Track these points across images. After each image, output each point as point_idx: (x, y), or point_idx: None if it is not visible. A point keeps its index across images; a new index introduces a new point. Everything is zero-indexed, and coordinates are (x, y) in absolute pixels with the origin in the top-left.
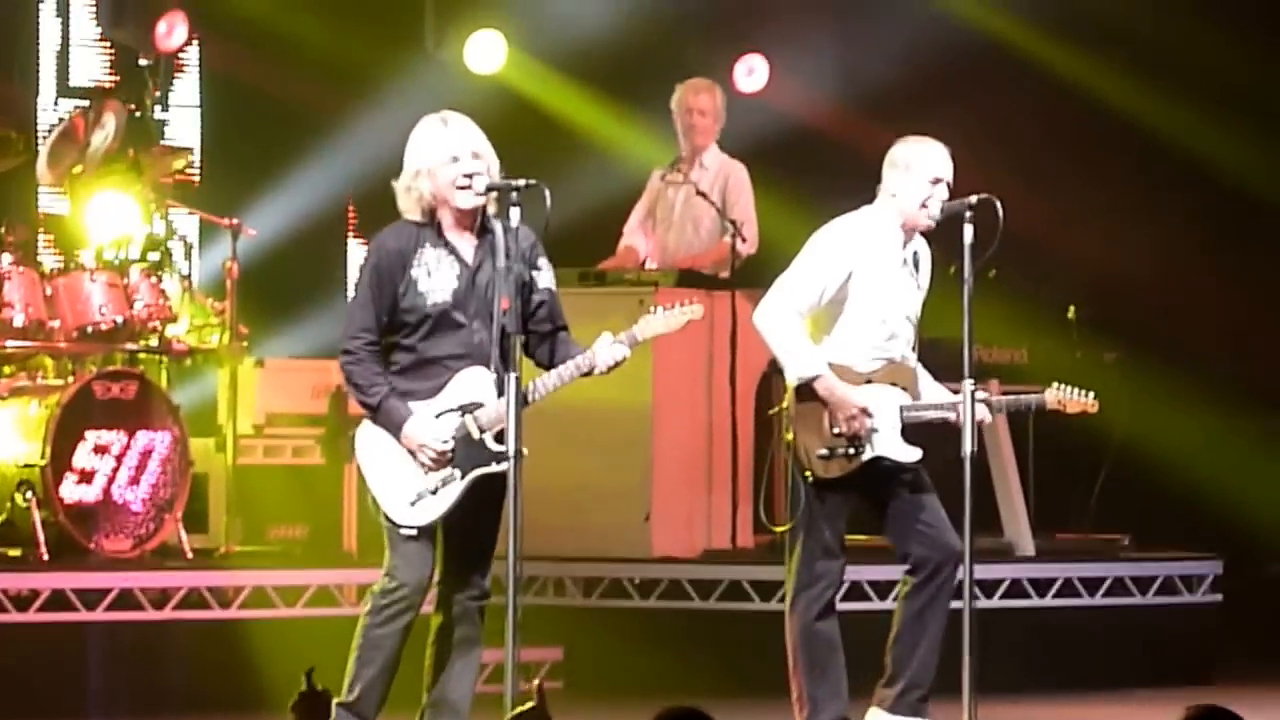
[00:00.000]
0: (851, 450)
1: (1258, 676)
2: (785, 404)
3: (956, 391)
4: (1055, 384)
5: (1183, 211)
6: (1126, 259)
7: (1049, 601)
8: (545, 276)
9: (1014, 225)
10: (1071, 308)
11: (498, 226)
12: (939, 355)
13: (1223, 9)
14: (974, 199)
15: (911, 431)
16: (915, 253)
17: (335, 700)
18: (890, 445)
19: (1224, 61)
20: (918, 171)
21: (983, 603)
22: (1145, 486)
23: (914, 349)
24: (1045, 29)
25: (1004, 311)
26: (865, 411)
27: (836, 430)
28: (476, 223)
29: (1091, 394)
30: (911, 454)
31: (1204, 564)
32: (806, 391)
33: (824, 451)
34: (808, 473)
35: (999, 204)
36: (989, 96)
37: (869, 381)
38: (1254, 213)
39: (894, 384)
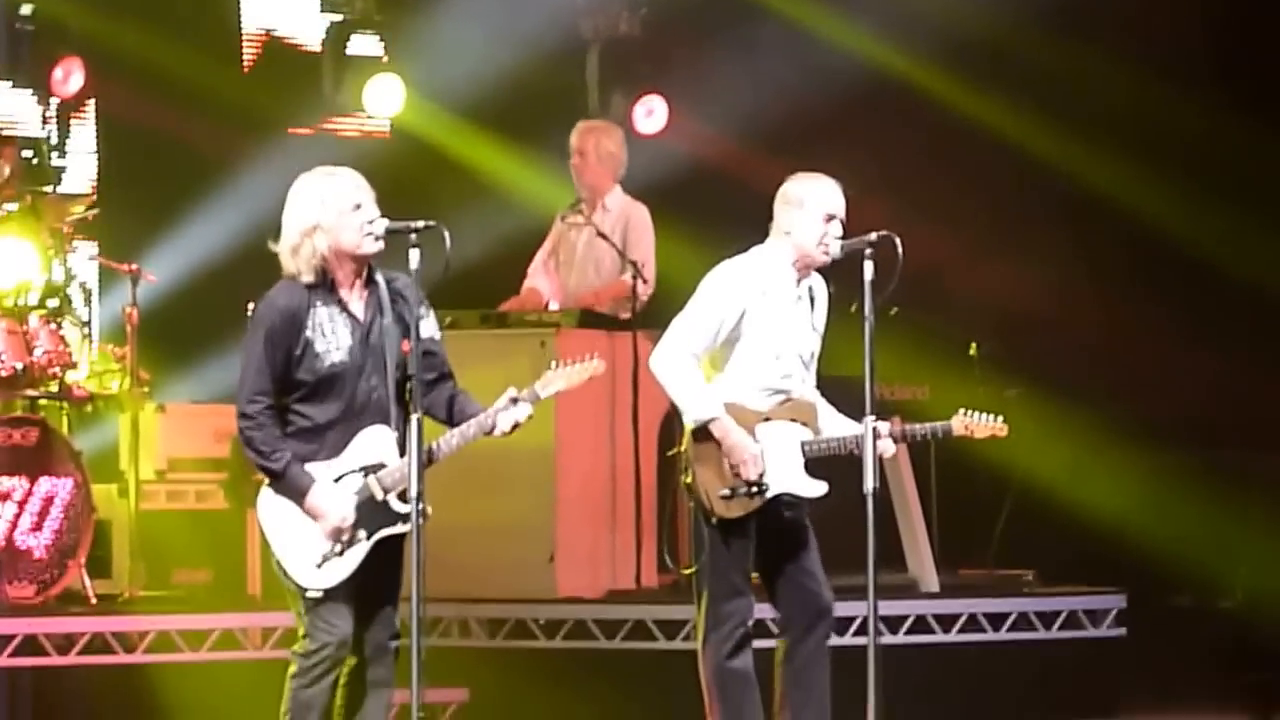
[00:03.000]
0: (754, 489)
1: (1162, 709)
2: (684, 446)
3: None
4: (961, 410)
5: (1080, 246)
6: (1026, 295)
7: (953, 637)
8: (430, 324)
9: (914, 262)
10: (973, 344)
11: (380, 276)
12: (841, 393)
13: (1116, 40)
14: (874, 236)
15: (815, 467)
16: (810, 289)
17: None
18: (793, 481)
19: (1118, 95)
20: (812, 208)
21: (887, 639)
22: (1048, 521)
23: (813, 385)
24: (941, 64)
25: (905, 349)
26: (759, 458)
27: (738, 470)
28: (364, 274)
29: (1000, 417)
30: (816, 489)
31: (1107, 598)
32: (704, 434)
33: (726, 492)
34: (712, 516)
35: (898, 241)
36: (887, 132)
37: (768, 419)
38: (1152, 247)
39: (794, 420)
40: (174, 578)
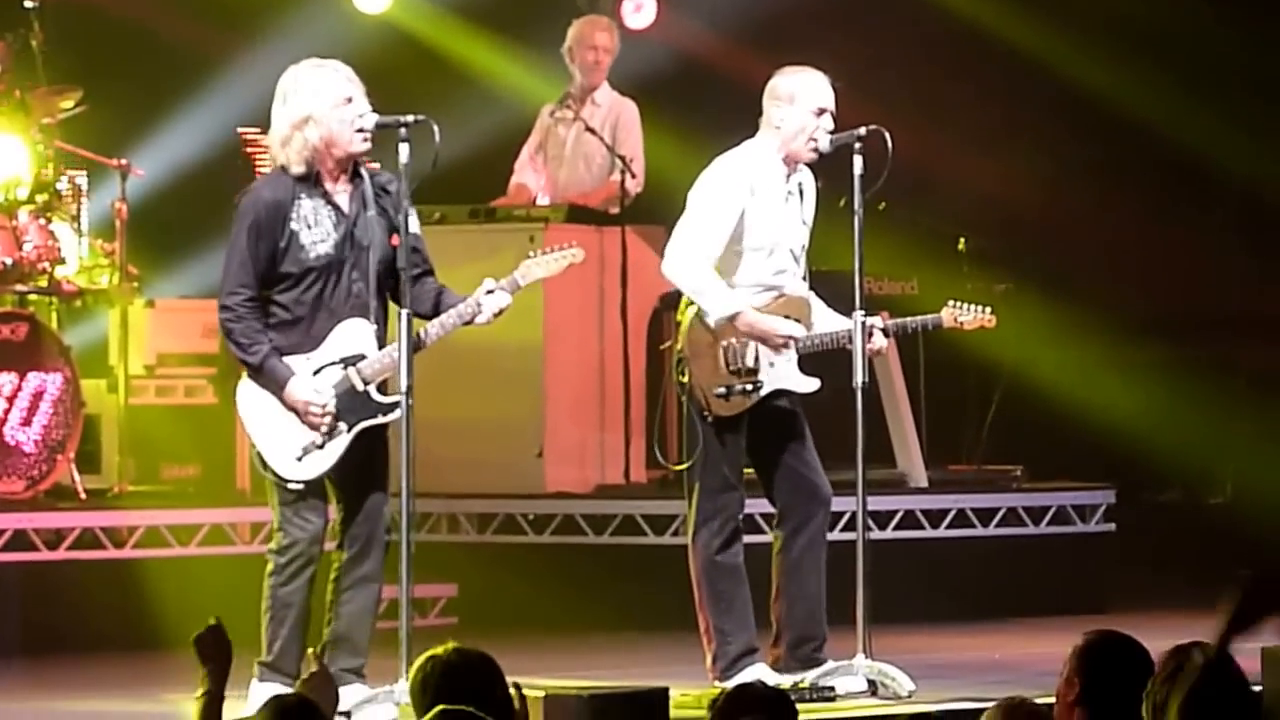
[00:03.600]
0: (749, 386)
1: (1150, 603)
2: (679, 345)
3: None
4: (950, 301)
5: (1069, 142)
6: (1015, 190)
7: (942, 532)
8: (413, 220)
9: (902, 157)
10: (961, 239)
11: (365, 171)
12: (830, 288)
13: None
14: (863, 130)
15: (806, 362)
16: (800, 184)
17: (257, 660)
18: (787, 377)
19: None
20: (802, 103)
21: (876, 534)
22: (1037, 417)
23: (805, 279)
24: None
25: (894, 244)
26: (793, 337)
27: (734, 367)
28: (350, 169)
29: (988, 308)
30: (809, 384)
31: (1096, 494)
32: (699, 332)
33: (722, 390)
34: (707, 413)
35: (888, 135)
36: (876, 26)
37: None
38: (1141, 143)
39: (788, 316)
40: (163, 473)
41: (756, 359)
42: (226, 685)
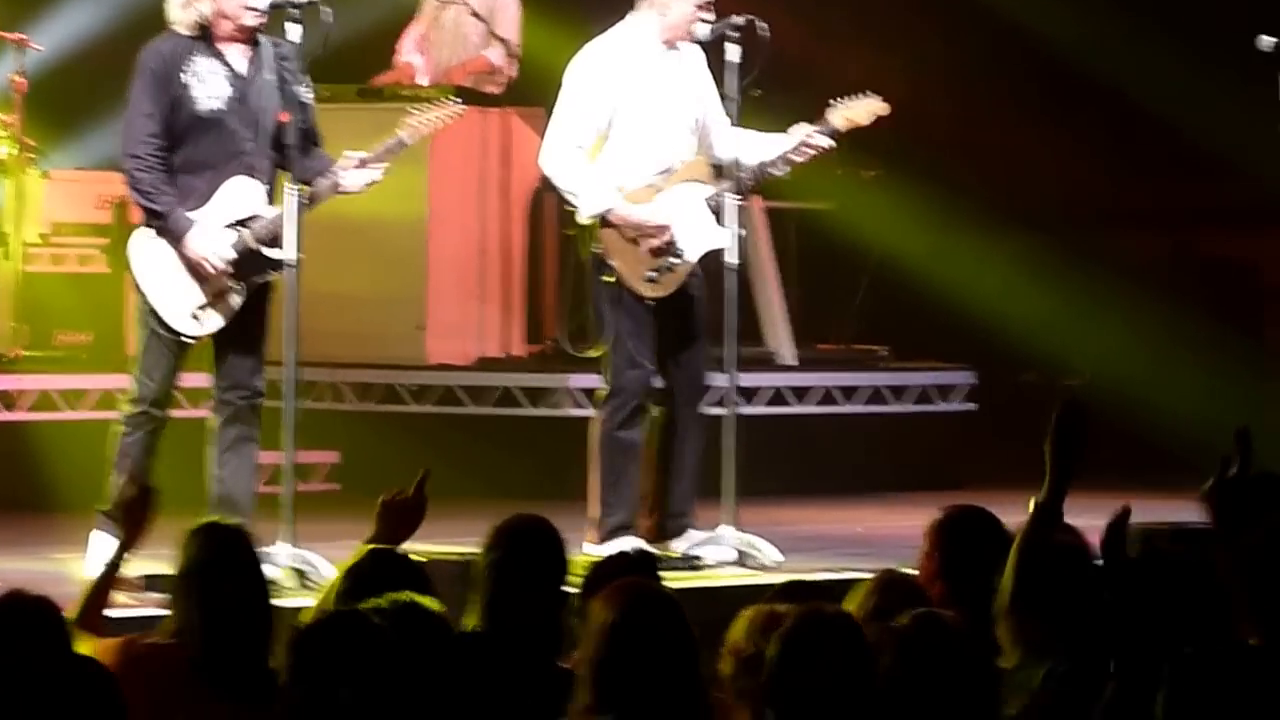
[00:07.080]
0: (675, 260)
1: (1004, 480)
2: (597, 245)
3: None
4: (832, 101)
5: (938, 34)
6: (887, 82)
7: (809, 409)
8: (307, 93)
9: (776, 47)
10: None
11: (265, 41)
12: None
13: None
14: (739, 20)
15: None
16: (681, 56)
17: (98, 508)
18: (708, 239)
19: None
20: None
21: (745, 409)
22: (903, 300)
23: (724, 141)
24: None
25: (767, 131)
26: (665, 226)
27: (655, 248)
28: (248, 36)
29: (870, 91)
30: (728, 235)
31: (958, 374)
32: (609, 225)
33: (651, 274)
34: (648, 300)
35: (763, 25)
36: None
37: (660, 190)
38: (1008, 36)
39: (690, 180)
40: (56, 339)
41: (673, 233)
42: (124, 556)
